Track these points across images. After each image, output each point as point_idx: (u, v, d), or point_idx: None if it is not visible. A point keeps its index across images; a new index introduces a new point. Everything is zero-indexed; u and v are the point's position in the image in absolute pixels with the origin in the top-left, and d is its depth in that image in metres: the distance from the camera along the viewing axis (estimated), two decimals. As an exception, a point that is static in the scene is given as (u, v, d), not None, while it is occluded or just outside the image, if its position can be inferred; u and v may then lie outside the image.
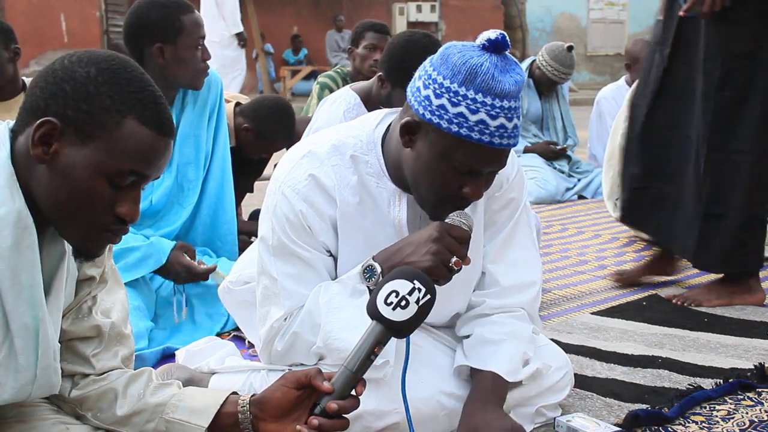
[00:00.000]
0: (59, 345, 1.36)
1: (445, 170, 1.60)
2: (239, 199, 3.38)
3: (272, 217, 1.74)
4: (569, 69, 5.26)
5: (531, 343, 1.87)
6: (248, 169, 3.43)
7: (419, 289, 1.40)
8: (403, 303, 1.39)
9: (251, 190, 3.72)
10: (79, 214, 1.27)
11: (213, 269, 2.59)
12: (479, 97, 1.54)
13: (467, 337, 1.88)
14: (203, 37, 2.61)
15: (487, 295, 1.89)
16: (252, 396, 1.47)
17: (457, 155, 1.57)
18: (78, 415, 1.49)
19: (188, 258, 2.59)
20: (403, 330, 1.41)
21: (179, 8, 2.58)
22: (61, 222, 1.29)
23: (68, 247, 1.36)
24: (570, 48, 5.23)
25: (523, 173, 1.93)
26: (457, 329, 1.92)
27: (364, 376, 1.43)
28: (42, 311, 1.28)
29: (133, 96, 1.25)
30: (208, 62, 2.69)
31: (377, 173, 1.75)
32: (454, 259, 1.60)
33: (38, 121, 1.22)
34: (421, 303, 1.40)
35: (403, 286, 1.41)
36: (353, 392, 1.41)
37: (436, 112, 1.56)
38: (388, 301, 1.39)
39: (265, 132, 3.23)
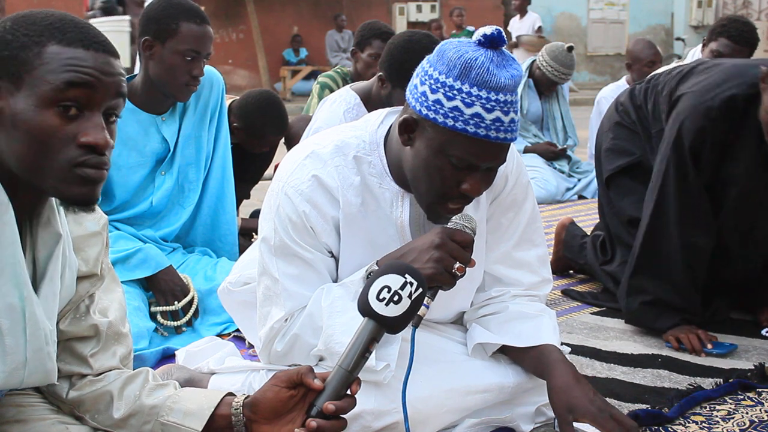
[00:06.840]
0: (53, 330, 1.32)
1: (443, 166, 1.59)
2: (236, 204, 3.36)
3: (275, 217, 1.74)
4: (569, 69, 5.27)
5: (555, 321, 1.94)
6: (250, 165, 3.40)
7: (411, 283, 1.37)
8: (395, 298, 1.36)
9: (248, 197, 3.69)
10: (44, 159, 1.18)
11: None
12: (474, 91, 1.53)
13: (483, 317, 1.90)
14: (199, 53, 2.55)
15: (509, 288, 1.93)
16: (246, 398, 1.46)
17: (453, 150, 1.57)
18: (76, 416, 1.48)
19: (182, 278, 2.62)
20: (396, 325, 1.38)
21: (182, 13, 2.55)
22: (36, 177, 1.20)
23: (65, 234, 1.34)
24: (570, 48, 5.24)
25: (527, 174, 1.93)
26: (471, 315, 1.94)
27: (362, 378, 1.41)
28: (27, 291, 1.25)
29: (50, 27, 1.21)
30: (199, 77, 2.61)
31: (380, 174, 1.75)
32: (457, 264, 1.59)
33: None
34: (413, 297, 1.37)
35: (395, 280, 1.37)
36: (348, 392, 1.38)
37: (432, 107, 1.56)
38: (381, 297, 1.36)
39: (253, 130, 3.22)
